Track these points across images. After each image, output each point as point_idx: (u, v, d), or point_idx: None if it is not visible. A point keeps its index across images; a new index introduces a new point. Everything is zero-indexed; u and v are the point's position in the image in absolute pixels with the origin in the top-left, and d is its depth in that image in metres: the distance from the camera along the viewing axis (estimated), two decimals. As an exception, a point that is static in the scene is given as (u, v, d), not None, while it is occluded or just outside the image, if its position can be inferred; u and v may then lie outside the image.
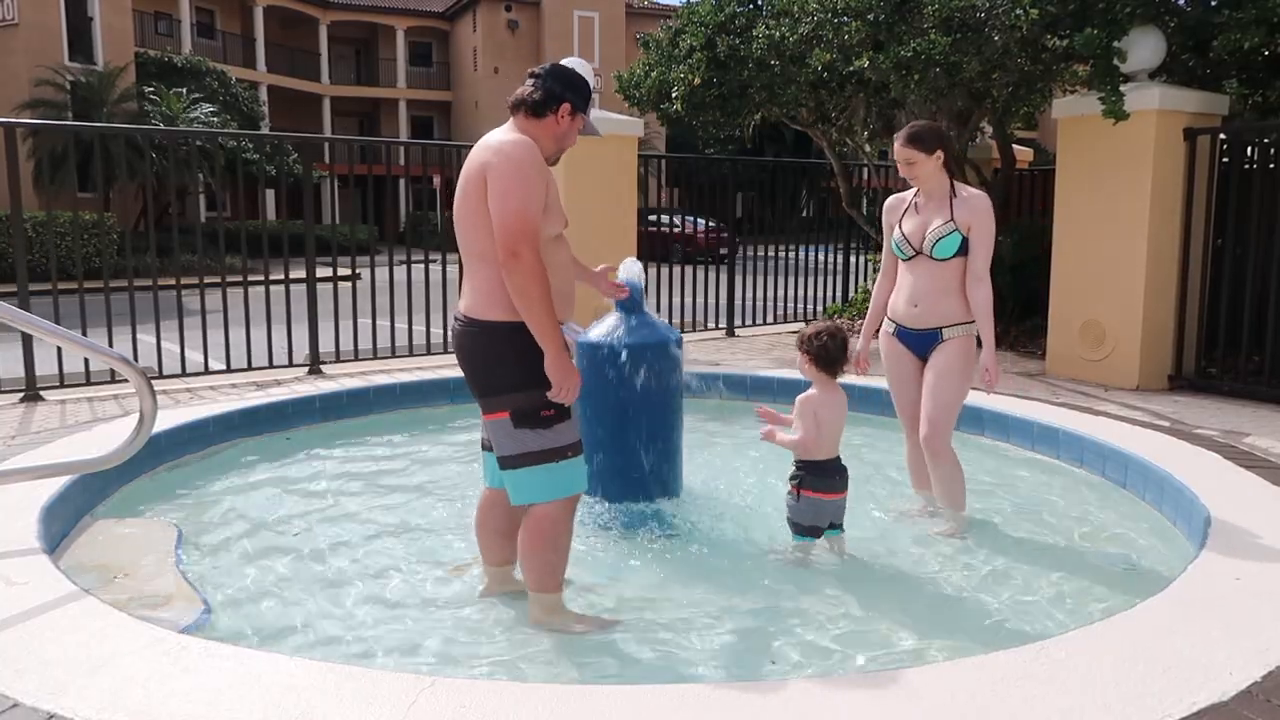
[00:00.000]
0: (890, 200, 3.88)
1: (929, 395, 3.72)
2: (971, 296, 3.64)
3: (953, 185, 3.68)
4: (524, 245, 2.52)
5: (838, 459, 3.41)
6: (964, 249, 3.62)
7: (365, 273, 11.41)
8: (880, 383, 4.08)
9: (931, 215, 3.67)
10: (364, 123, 39.50)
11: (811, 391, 3.38)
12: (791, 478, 3.39)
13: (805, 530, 3.39)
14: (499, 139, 2.68)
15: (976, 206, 3.63)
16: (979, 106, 7.82)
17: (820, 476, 3.35)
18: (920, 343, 3.75)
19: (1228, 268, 6.13)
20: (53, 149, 18.69)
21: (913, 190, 3.78)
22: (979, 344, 3.67)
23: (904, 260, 3.75)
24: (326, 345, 6.77)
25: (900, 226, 3.76)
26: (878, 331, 3.94)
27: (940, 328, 3.69)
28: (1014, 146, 8.93)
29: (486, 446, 2.94)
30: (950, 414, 3.72)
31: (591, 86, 2.85)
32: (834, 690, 2.19)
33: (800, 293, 9.86)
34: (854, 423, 5.36)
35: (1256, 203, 5.97)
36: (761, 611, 3.01)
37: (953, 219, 3.62)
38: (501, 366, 2.64)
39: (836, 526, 3.43)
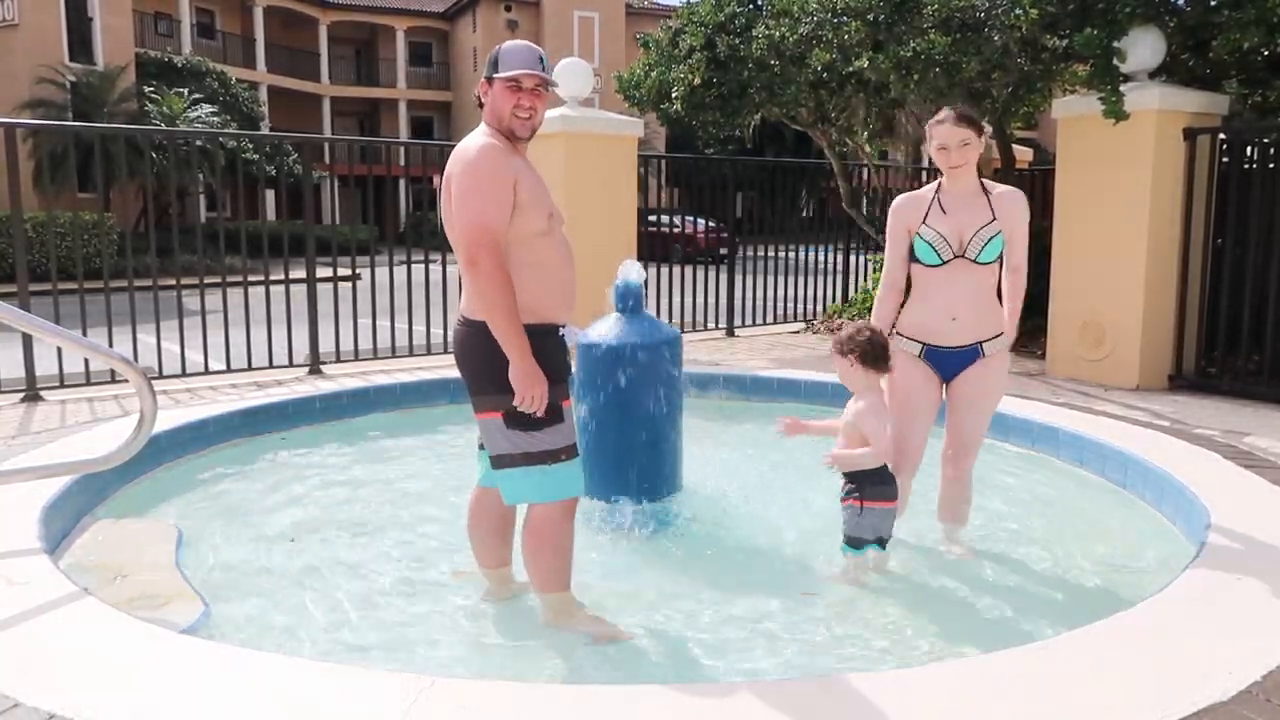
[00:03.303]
0: (903, 201, 3.40)
1: (971, 417, 3.41)
2: (1013, 283, 3.30)
3: (981, 180, 3.34)
4: (481, 252, 2.51)
5: (885, 465, 3.22)
6: (1002, 252, 3.30)
7: (365, 273, 11.41)
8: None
9: (970, 214, 3.27)
10: (364, 123, 39.49)
11: (869, 399, 3.17)
12: (849, 492, 3.20)
13: (873, 542, 3.22)
14: (463, 144, 2.67)
15: (1016, 202, 3.31)
16: (979, 106, 7.81)
17: (879, 484, 3.18)
18: (956, 362, 3.36)
19: (1228, 267, 6.13)
20: (53, 149, 18.70)
21: (929, 188, 3.39)
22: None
23: (934, 266, 3.29)
24: (326, 345, 6.76)
25: (931, 227, 3.28)
26: None
27: (982, 342, 3.32)
28: (1014, 146, 8.92)
29: (483, 444, 2.94)
30: (985, 434, 3.50)
31: (506, 50, 2.69)
32: (834, 690, 2.19)
33: (800, 293, 9.85)
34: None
35: (1256, 203, 5.97)
36: (761, 611, 3.01)
37: (995, 219, 3.25)
38: (493, 367, 2.62)
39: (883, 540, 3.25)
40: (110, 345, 5.48)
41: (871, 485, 3.18)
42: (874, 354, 3.14)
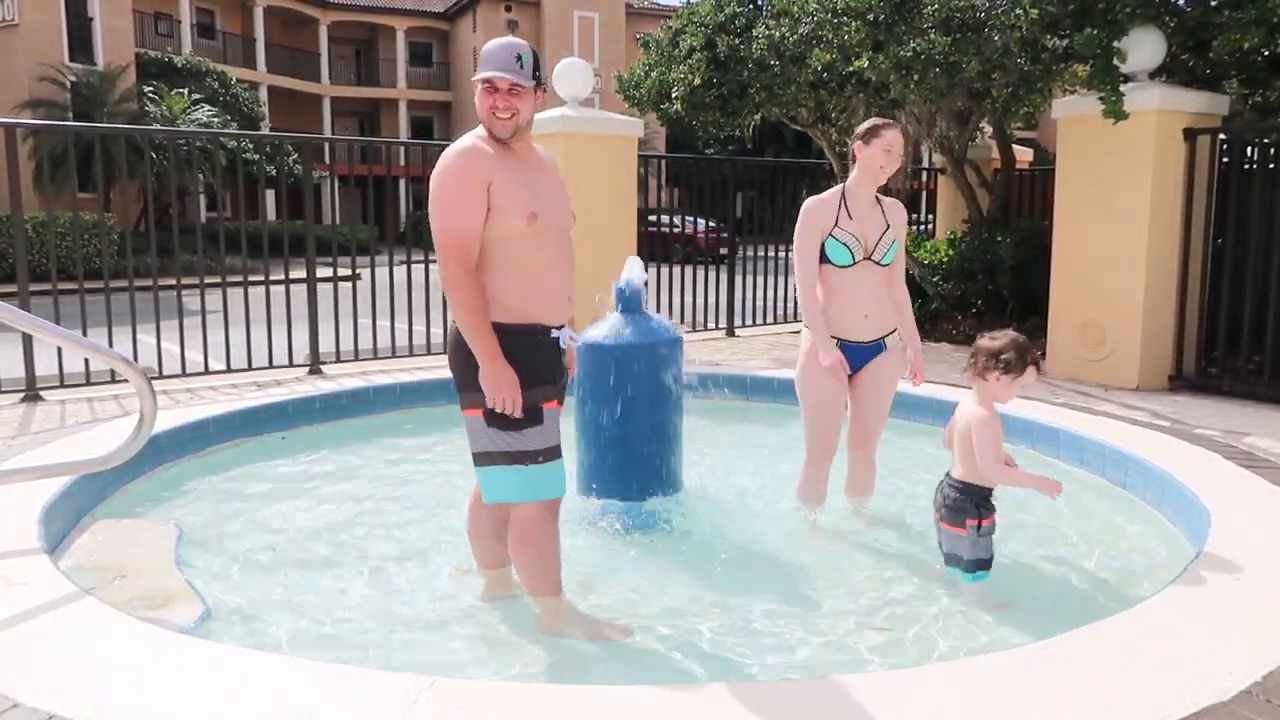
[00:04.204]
0: (814, 203, 3.56)
1: (876, 404, 3.68)
2: (902, 300, 3.67)
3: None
4: (450, 260, 2.57)
5: None
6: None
7: (365, 273, 11.41)
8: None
9: (871, 220, 3.55)
10: (364, 123, 39.49)
11: (986, 410, 3.01)
12: (962, 510, 3.02)
13: (987, 564, 3.05)
14: (448, 148, 2.68)
15: (903, 214, 3.67)
16: (979, 106, 7.83)
17: (989, 499, 3.07)
18: (864, 355, 3.62)
19: (1227, 268, 6.13)
20: (53, 149, 18.71)
21: (834, 193, 3.58)
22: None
23: (845, 267, 3.51)
24: (326, 345, 6.77)
25: (844, 230, 3.51)
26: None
27: (883, 337, 3.63)
28: (1014, 146, 8.93)
29: None
30: (885, 420, 3.79)
31: (485, 49, 2.68)
32: (834, 690, 2.19)
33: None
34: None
35: (1256, 203, 5.97)
36: (761, 610, 3.01)
37: (890, 226, 3.58)
38: (474, 364, 2.63)
39: None
40: (110, 345, 5.48)
41: (988, 502, 3.05)
42: (996, 360, 2.98)
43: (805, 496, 3.77)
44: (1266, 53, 6.52)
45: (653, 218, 11.48)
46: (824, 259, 3.54)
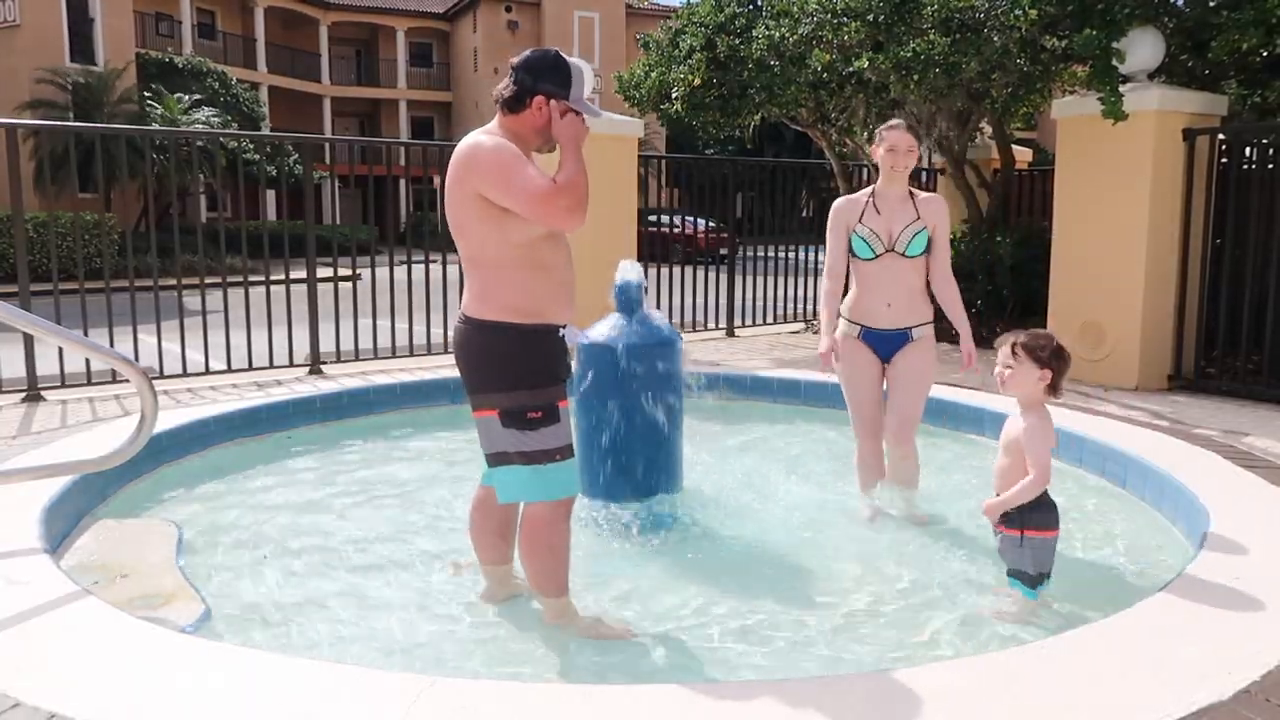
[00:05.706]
0: (842, 202, 3.86)
1: (907, 392, 3.80)
2: (947, 293, 3.79)
3: (909, 188, 3.80)
4: (555, 202, 2.48)
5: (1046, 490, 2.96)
6: (928, 248, 3.75)
7: (365, 273, 11.41)
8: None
9: (896, 214, 3.73)
10: (364, 123, 39.48)
11: (1035, 418, 2.97)
12: (1007, 520, 2.95)
13: (1036, 579, 2.94)
14: (474, 142, 2.62)
15: (940, 207, 3.78)
16: (979, 106, 7.83)
17: (1044, 511, 2.95)
18: (888, 343, 3.80)
19: (1226, 268, 6.13)
20: (54, 150, 18.70)
21: (864, 192, 3.84)
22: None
23: (868, 259, 3.76)
24: (327, 345, 6.77)
25: (866, 225, 3.75)
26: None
27: (911, 327, 3.78)
28: (1014, 146, 8.93)
29: None
30: (922, 410, 3.87)
31: (574, 68, 2.70)
32: (834, 690, 2.20)
33: (800, 293, 9.86)
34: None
35: (1255, 203, 5.97)
36: (761, 610, 3.01)
37: (920, 218, 3.72)
38: (491, 366, 2.64)
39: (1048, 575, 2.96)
40: (111, 345, 5.48)
41: (1037, 512, 2.93)
42: (1066, 368, 2.98)
43: (858, 475, 3.99)
44: (1265, 53, 6.52)
45: (653, 218, 11.48)
46: (851, 253, 3.79)
